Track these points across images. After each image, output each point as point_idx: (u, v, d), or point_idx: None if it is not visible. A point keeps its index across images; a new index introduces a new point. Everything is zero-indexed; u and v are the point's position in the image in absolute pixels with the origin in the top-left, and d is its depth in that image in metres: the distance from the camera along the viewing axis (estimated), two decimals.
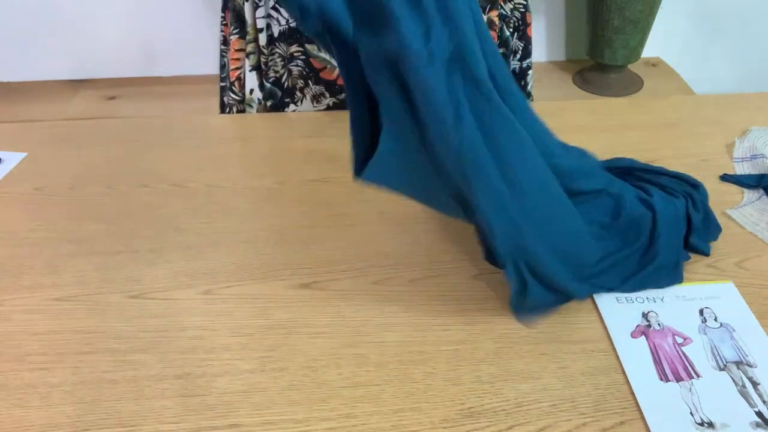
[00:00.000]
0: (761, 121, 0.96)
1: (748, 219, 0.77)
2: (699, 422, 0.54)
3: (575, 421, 0.55)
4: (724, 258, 0.72)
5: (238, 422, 0.55)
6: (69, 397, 0.58)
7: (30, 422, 0.56)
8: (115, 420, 0.56)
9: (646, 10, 1.56)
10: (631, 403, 0.56)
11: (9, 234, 0.77)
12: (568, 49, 1.83)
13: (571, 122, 0.98)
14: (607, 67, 1.67)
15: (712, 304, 0.65)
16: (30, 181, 0.86)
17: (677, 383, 0.58)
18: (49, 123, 1.00)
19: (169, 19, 1.65)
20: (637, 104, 1.04)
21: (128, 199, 0.83)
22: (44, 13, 1.61)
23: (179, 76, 1.74)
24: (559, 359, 0.60)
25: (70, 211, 0.80)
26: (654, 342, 0.62)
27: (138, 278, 0.70)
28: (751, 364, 0.59)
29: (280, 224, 0.77)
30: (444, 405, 0.57)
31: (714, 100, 1.05)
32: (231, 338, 0.63)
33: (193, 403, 0.57)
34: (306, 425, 0.55)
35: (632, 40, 1.60)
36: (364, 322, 0.65)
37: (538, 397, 0.57)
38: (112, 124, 1.01)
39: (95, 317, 0.66)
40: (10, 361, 0.61)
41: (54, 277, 0.71)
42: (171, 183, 0.85)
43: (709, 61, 1.87)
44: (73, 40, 1.65)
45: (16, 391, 0.58)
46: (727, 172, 0.85)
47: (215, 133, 0.98)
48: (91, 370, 0.60)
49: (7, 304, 0.67)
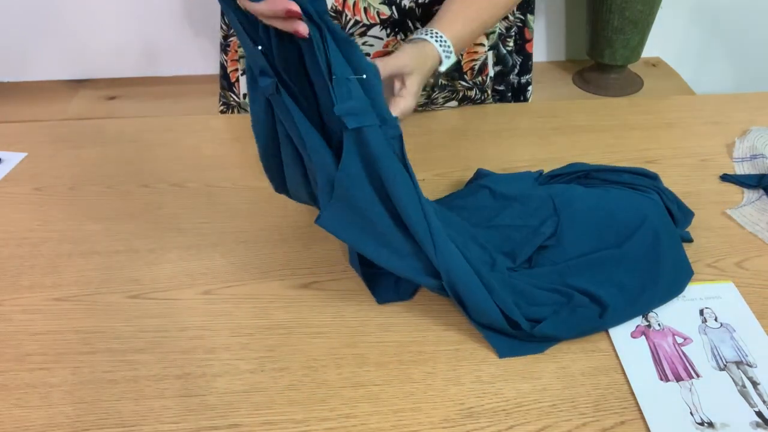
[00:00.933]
0: (761, 121, 0.96)
1: (748, 219, 0.77)
2: (699, 422, 0.54)
3: (575, 421, 0.55)
4: (724, 258, 0.72)
5: (238, 422, 0.55)
6: (69, 397, 0.58)
7: (30, 422, 0.56)
8: (115, 420, 0.56)
9: (646, 10, 1.56)
10: (631, 403, 0.56)
11: (9, 234, 0.77)
12: (568, 49, 1.83)
13: (571, 122, 0.98)
14: (607, 67, 1.67)
15: (712, 304, 0.65)
16: (30, 181, 0.86)
17: (677, 383, 0.58)
18: (49, 123, 1.00)
19: (169, 19, 1.65)
20: (637, 104, 1.04)
21: (128, 199, 0.83)
22: (44, 13, 1.60)
23: (179, 76, 1.74)
24: (559, 359, 0.60)
25: (70, 211, 0.80)
26: (654, 342, 0.61)
27: (138, 278, 0.70)
28: (751, 364, 0.59)
29: (280, 224, 0.77)
30: (444, 405, 0.57)
31: (714, 100, 1.05)
32: (231, 338, 0.63)
33: (193, 403, 0.57)
34: (306, 425, 0.55)
35: (632, 40, 1.60)
36: (364, 322, 0.65)
37: (538, 397, 0.57)
38: (112, 124, 1.01)
39: (95, 317, 0.66)
40: (10, 361, 0.61)
41: (54, 277, 0.71)
42: (171, 183, 0.85)
43: (709, 61, 1.87)
44: (73, 40, 1.65)
45: (16, 391, 0.58)
46: (727, 172, 0.85)
47: (215, 133, 0.98)
48: (91, 370, 0.60)
49: (7, 304, 0.67)
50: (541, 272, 0.66)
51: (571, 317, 0.61)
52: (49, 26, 1.64)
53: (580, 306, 0.62)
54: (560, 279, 0.65)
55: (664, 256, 0.67)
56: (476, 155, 0.90)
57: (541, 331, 0.60)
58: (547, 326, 0.60)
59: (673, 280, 0.66)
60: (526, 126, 0.97)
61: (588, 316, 0.62)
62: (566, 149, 0.91)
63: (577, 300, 0.62)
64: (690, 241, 0.73)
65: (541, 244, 0.68)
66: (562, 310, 0.62)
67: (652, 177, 0.78)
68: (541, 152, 0.91)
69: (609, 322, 0.62)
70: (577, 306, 0.62)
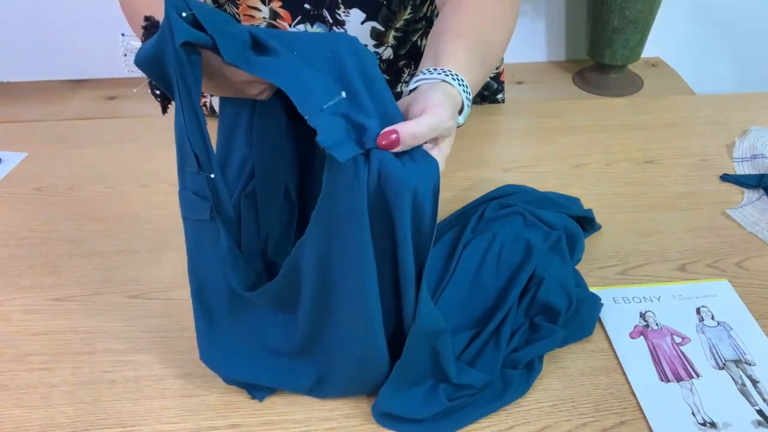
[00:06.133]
0: (761, 121, 0.96)
1: (748, 219, 0.77)
2: (701, 422, 0.54)
3: (575, 421, 0.55)
4: (724, 258, 0.72)
5: (238, 422, 0.55)
6: (69, 397, 0.58)
7: (30, 422, 0.56)
8: (115, 420, 0.56)
9: (646, 10, 1.55)
10: (631, 403, 0.56)
11: (9, 234, 0.77)
12: (568, 49, 1.83)
13: (571, 122, 0.98)
14: (607, 67, 1.67)
15: (708, 303, 0.66)
16: (30, 181, 0.86)
17: (677, 383, 0.58)
18: (49, 123, 1.00)
19: None
20: (637, 104, 1.04)
21: (128, 199, 0.83)
22: (44, 13, 1.60)
23: None
24: (559, 359, 0.60)
25: (70, 211, 0.80)
26: (653, 342, 0.61)
27: (138, 278, 0.70)
28: (749, 362, 0.59)
29: None
30: None
31: (714, 100, 1.05)
32: None
33: (193, 403, 0.57)
34: (306, 425, 0.55)
35: (632, 40, 1.60)
36: None
37: (538, 397, 0.57)
38: (112, 124, 1.01)
39: (95, 317, 0.66)
40: (10, 361, 0.61)
41: (54, 277, 0.71)
42: (171, 183, 0.85)
43: (709, 61, 1.87)
44: (73, 40, 1.65)
45: (16, 391, 0.58)
46: (727, 172, 0.85)
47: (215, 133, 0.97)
48: (91, 370, 0.60)
49: (7, 304, 0.67)
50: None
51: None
52: (49, 26, 1.64)
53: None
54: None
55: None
56: (476, 155, 0.90)
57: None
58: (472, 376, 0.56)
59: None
60: (526, 126, 0.97)
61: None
62: (566, 149, 0.91)
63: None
64: (598, 228, 0.75)
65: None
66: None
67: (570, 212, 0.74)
68: (541, 152, 0.91)
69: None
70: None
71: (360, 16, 0.84)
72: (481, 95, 1.03)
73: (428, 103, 0.51)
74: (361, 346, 0.53)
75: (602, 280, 0.69)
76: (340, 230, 0.49)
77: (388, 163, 0.46)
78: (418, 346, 0.53)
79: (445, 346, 0.55)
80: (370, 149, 0.47)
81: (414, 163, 0.48)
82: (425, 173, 0.48)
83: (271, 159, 0.58)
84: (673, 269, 0.70)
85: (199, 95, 0.48)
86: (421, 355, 0.54)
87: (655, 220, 0.78)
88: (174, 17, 0.44)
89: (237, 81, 0.51)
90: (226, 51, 0.46)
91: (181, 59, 0.45)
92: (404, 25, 0.87)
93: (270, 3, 0.83)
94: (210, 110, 1.00)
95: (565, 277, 0.64)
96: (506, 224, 0.69)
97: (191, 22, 0.45)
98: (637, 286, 0.68)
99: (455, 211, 0.76)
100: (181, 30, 0.44)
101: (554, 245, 0.67)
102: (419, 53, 0.91)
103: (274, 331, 0.57)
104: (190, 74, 0.46)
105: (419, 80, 0.56)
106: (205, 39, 0.45)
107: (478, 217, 0.71)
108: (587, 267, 0.70)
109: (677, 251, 0.73)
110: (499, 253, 0.66)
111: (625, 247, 0.73)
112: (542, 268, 0.64)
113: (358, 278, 0.49)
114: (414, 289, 0.51)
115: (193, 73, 0.46)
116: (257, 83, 0.51)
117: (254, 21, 0.85)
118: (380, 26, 0.86)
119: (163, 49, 0.46)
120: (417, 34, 0.89)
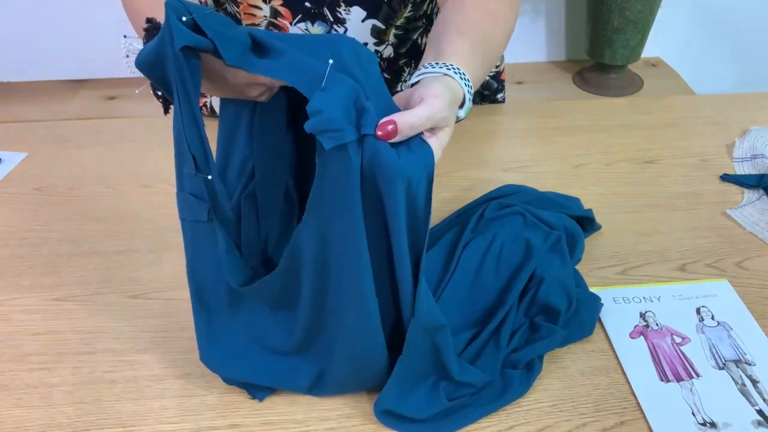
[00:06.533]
0: (761, 121, 0.96)
1: (748, 219, 0.77)
2: (701, 422, 0.54)
3: (575, 421, 0.55)
4: (724, 258, 0.72)
5: (238, 422, 0.55)
6: (69, 397, 0.58)
7: (30, 422, 0.56)
8: (115, 420, 0.56)
9: (646, 10, 1.56)
10: (631, 403, 0.56)
11: (9, 234, 0.77)
12: (568, 49, 1.83)
13: (571, 122, 0.98)
14: (607, 67, 1.67)
15: (708, 303, 0.66)
16: (30, 181, 0.86)
17: (677, 383, 0.58)
18: (49, 123, 1.00)
19: None
20: (637, 104, 1.04)
21: (128, 199, 0.83)
22: (44, 13, 1.60)
23: None
24: (559, 359, 0.60)
25: (70, 211, 0.80)
26: (653, 342, 0.61)
27: (138, 278, 0.70)
28: (749, 362, 0.59)
29: None
30: None
31: (714, 100, 1.05)
32: None
33: (193, 403, 0.57)
34: (306, 425, 0.55)
35: (632, 40, 1.60)
36: None
37: (538, 397, 0.57)
38: (112, 124, 1.01)
39: (95, 317, 0.66)
40: (10, 361, 0.61)
41: (54, 277, 0.71)
42: (171, 183, 0.85)
43: (709, 61, 1.87)
44: (73, 40, 1.65)
45: (16, 391, 0.58)
46: (727, 172, 0.85)
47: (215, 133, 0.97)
48: (91, 370, 0.60)
49: (7, 304, 0.67)
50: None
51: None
52: (49, 26, 1.64)
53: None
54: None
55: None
56: (476, 155, 0.90)
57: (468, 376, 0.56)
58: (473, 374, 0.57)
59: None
60: (526, 126, 0.97)
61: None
62: (566, 149, 0.91)
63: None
64: (598, 228, 0.75)
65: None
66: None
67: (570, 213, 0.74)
68: (541, 152, 0.91)
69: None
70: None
71: (361, 14, 0.84)
72: (481, 95, 1.03)
73: (426, 94, 0.51)
74: (360, 336, 0.53)
75: (602, 280, 0.69)
76: (332, 213, 0.49)
77: (383, 152, 0.46)
78: (418, 342, 0.53)
79: (445, 341, 0.55)
80: (365, 135, 0.47)
81: (410, 152, 0.48)
82: (420, 162, 0.49)
83: (271, 160, 0.58)
84: (673, 269, 0.71)
85: (198, 98, 0.49)
86: (422, 351, 0.54)
87: (655, 220, 0.78)
88: (174, 22, 0.44)
89: (237, 83, 0.51)
90: (227, 54, 0.46)
91: (180, 63, 0.46)
92: (405, 23, 0.87)
93: (271, 1, 0.83)
94: (210, 111, 1.00)
95: (565, 277, 0.64)
96: (506, 224, 0.69)
97: (191, 26, 0.45)
98: (637, 286, 0.68)
99: (455, 211, 0.76)
100: (180, 34, 0.44)
101: (554, 245, 0.67)
102: (420, 51, 0.91)
103: (274, 329, 0.57)
104: (189, 78, 0.47)
105: (422, 74, 0.56)
106: (205, 43, 0.45)
107: (478, 217, 0.71)
108: (587, 267, 0.70)
109: (677, 251, 0.73)
110: (499, 253, 0.66)
111: (625, 247, 0.73)
112: (542, 268, 0.64)
113: (353, 266, 0.49)
114: (411, 281, 0.51)
115: (192, 76, 0.47)
116: (257, 85, 0.52)
117: (255, 19, 0.85)
118: (381, 24, 0.86)
119: (164, 52, 0.46)
120: (417, 32, 0.89)
